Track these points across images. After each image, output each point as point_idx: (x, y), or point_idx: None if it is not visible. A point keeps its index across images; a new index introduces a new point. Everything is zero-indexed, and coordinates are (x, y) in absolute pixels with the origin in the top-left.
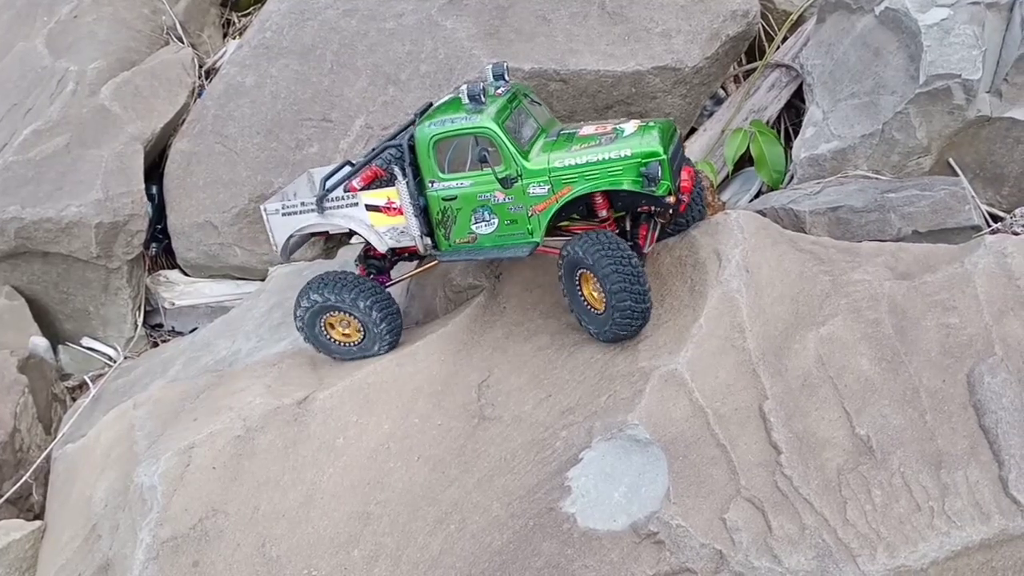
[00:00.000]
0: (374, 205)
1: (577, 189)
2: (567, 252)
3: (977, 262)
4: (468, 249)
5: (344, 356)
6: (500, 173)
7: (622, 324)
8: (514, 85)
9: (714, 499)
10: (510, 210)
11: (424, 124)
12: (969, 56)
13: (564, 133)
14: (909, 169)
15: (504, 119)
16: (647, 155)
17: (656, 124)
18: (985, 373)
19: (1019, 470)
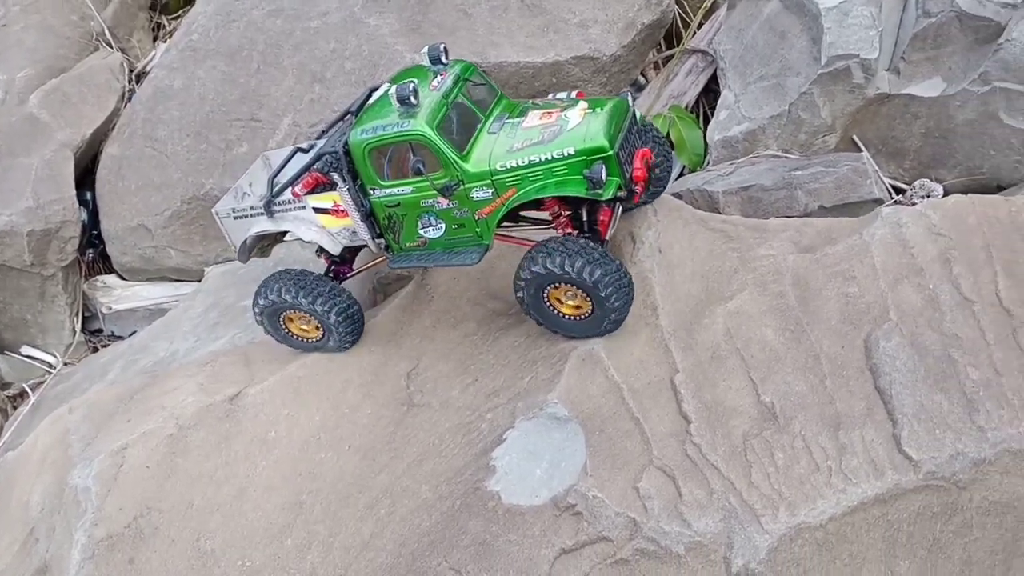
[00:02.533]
0: (322, 208)
1: (521, 193)
2: (531, 273)
3: (874, 233)
4: (419, 254)
5: (307, 350)
6: (439, 181)
7: (618, 322)
8: (455, 67)
9: (628, 470)
10: (456, 215)
11: (356, 132)
12: (866, 36)
13: (508, 122)
14: (816, 147)
15: (440, 119)
16: (592, 152)
17: (604, 107)
18: (880, 338)
19: (911, 428)
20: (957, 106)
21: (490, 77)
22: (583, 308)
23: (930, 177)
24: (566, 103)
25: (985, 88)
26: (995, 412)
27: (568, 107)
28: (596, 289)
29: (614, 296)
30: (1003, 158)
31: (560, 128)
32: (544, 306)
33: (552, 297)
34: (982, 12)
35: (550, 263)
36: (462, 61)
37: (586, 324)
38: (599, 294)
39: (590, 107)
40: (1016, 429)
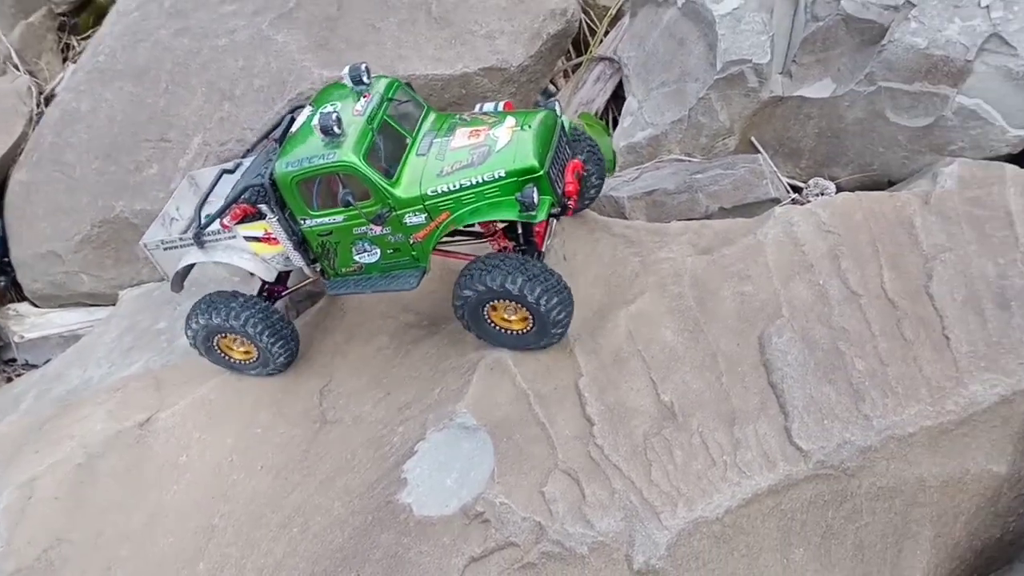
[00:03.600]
0: (253, 236)
1: (455, 217)
2: (471, 290)
3: (768, 233)
4: (356, 279)
5: (243, 371)
6: (370, 211)
7: (559, 335)
8: (378, 86)
9: (535, 474)
10: (390, 240)
11: (281, 163)
12: (759, 42)
13: (436, 142)
14: (717, 150)
15: (367, 146)
16: (523, 173)
17: (532, 123)
18: (773, 334)
19: (801, 420)
20: (846, 106)
21: (416, 93)
22: (524, 323)
23: (825, 175)
24: (493, 118)
25: (871, 88)
26: (880, 401)
27: (496, 124)
28: (537, 304)
29: (555, 310)
30: (892, 155)
31: (489, 149)
32: (484, 322)
33: (492, 313)
34: (866, 15)
35: (489, 280)
36: (385, 78)
37: (527, 338)
38: (540, 309)
39: (518, 123)
40: (900, 416)
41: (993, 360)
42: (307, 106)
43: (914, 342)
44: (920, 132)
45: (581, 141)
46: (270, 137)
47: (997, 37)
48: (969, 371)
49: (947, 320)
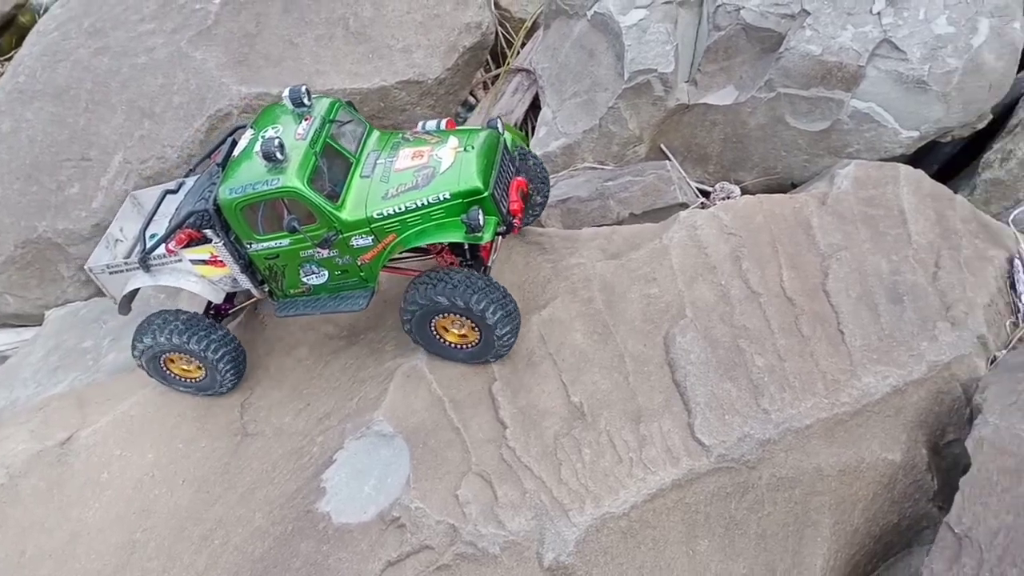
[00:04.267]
0: (200, 259)
1: (401, 239)
2: (417, 305)
3: (673, 236)
4: (305, 300)
5: (192, 391)
6: (316, 235)
7: (506, 348)
8: (320, 108)
9: (449, 478)
10: (337, 262)
11: (224, 189)
12: (663, 51)
13: (380, 163)
14: (628, 158)
15: (310, 171)
16: (467, 194)
17: (476, 143)
18: (677, 334)
19: (703, 416)
20: (749, 112)
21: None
22: (471, 336)
23: (731, 179)
24: (436, 138)
25: (771, 94)
26: (778, 395)
27: (439, 144)
28: (483, 318)
29: (502, 324)
30: (793, 158)
31: (433, 170)
32: (431, 335)
33: (439, 327)
34: (765, 24)
35: (435, 294)
36: (326, 99)
37: (475, 351)
38: (487, 323)
39: (461, 143)
40: (796, 409)
41: (885, 353)
42: (248, 128)
43: (811, 338)
44: (818, 136)
45: (525, 158)
46: (212, 157)
47: (888, 43)
48: (862, 364)
49: (842, 316)
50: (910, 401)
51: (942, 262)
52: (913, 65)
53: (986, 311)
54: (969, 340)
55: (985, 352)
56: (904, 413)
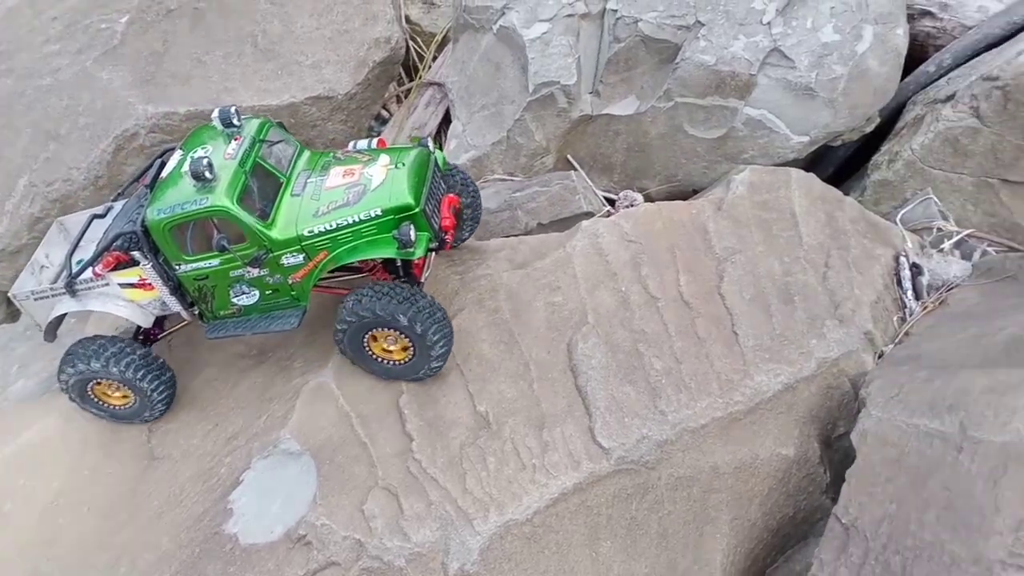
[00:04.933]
0: (128, 283)
1: (333, 256)
2: (356, 317)
3: (576, 245)
4: (235, 321)
5: (121, 418)
6: (246, 254)
7: (440, 363)
8: (250, 128)
9: (355, 494)
10: (268, 281)
11: (152, 210)
12: (565, 64)
13: (311, 182)
14: (536, 168)
15: (240, 190)
16: (398, 211)
17: (406, 161)
18: (579, 340)
19: (603, 420)
20: (650, 121)
21: (289, 132)
22: (404, 352)
23: (636, 187)
24: (367, 157)
25: (670, 104)
26: (675, 396)
27: (370, 162)
28: (417, 332)
29: (436, 339)
30: (693, 165)
31: (364, 188)
32: (363, 351)
33: (372, 343)
34: (662, 35)
35: (368, 309)
36: (256, 119)
37: (408, 367)
38: (420, 337)
39: (392, 161)
40: (692, 410)
41: (777, 351)
42: (177, 149)
43: (706, 340)
44: (715, 143)
45: (455, 176)
46: (141, 181)
47: (777, 52)
48: (755, 363)
49: (736, 317)
50: (801, 397)
51: (831, 262)
52: (801, 73)
53: (873, 308)
54: (856, 336)
55: (872, 347)
56: (796, 409)
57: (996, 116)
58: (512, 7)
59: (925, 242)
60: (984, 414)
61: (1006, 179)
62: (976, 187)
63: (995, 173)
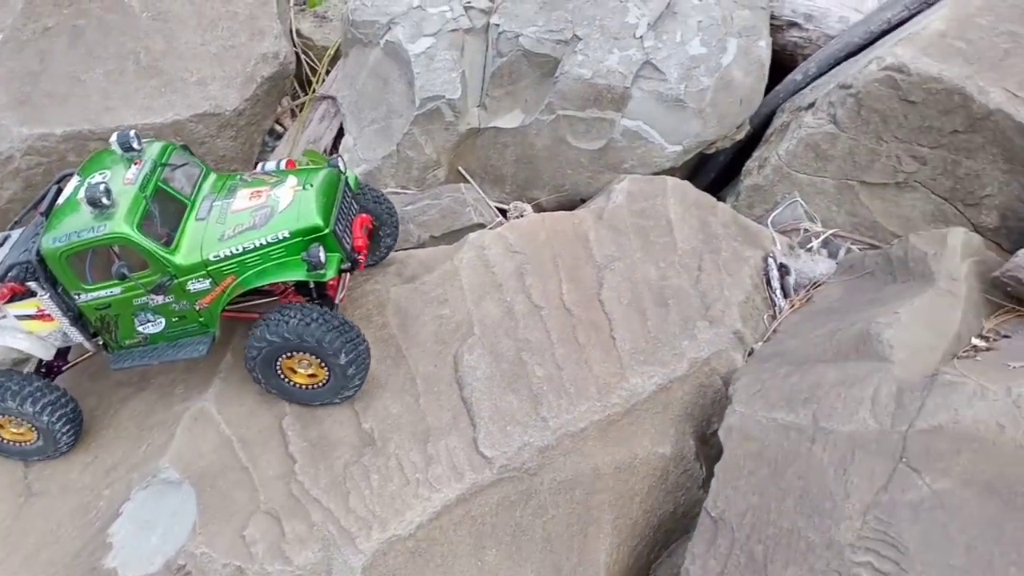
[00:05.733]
0: (25, 315)
1: (241, 280)
2: (266, 342)
3: (463, 258)
4: (141, 351)
5: (23, 456)
6: (148, 281)
7: (357, 386)
8: (151, 152)
9: (236, 519)
10: (174, 308)
11: (48, 239)
12: (450, 79)
13: (216, 204)
14: (429, 181)
15: (140, 215)
16: (307, 232)
17: (315, 182)
18: (465, 352)
19: (487, 430)
20: (535, 134)
21: (194, 155)
22: (318, 376)
23: (526, 198)
24: (275, 178)
25: (552, 116)
26: (556, 402)
27: (277, 184)
28: (332, 355)
29: (349, 358)
30: (578, 175)
31: (271, 210)
32: (277, 376)
33: (286, 367)
34: (542, 49)
35: (276, 333)
36: (158, 142)
37: (323, 392)
38: (336, 360)
39: (300, 182)
40: (572, 414)
41: (651, 354)
42: (74, 175)
43: (586, 345)
44: (597, 153)
45: (367, 194)
46: (37, 208)
47: (649, 64)
48: (631, 366)
49: (614, 322)
50: (675, 397)
51: (704, 265)
52: (671, 85)
53: (741, 308)
54: (726, 336)
55: (742, 345)
56: (671, 408)
57: (851, 122)
58: (398, 22)
59: (794, 243)
60: (834, 406)
61: (864, 181)
62: (838, 189)
63: (854, 176)
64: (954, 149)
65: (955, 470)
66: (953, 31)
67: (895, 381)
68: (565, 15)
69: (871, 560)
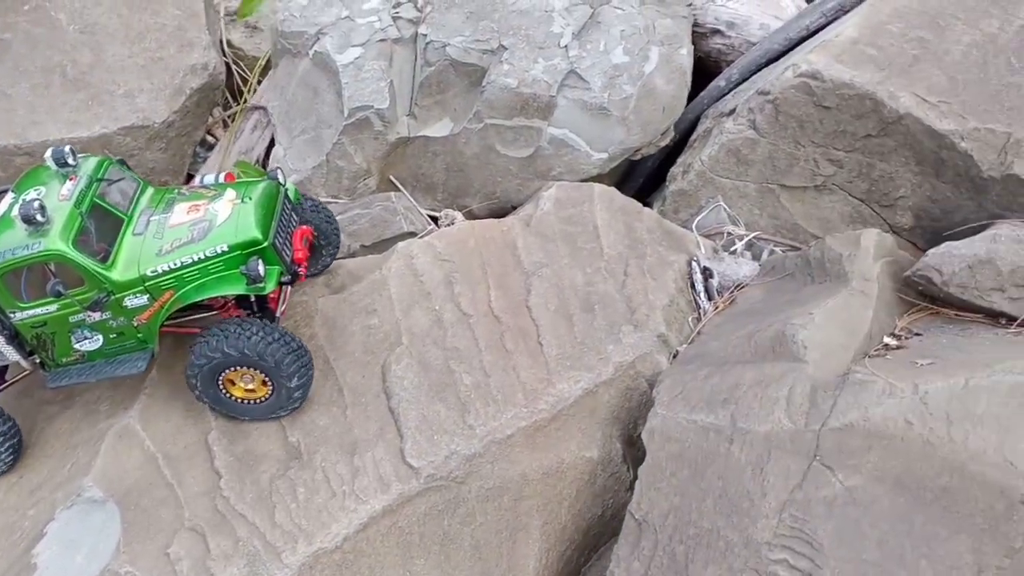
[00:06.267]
0: None
1: (179, 295)
2: (206, 358)
3: (391, 267)
4: (79, 368)
5: None
6: (85, 298)
7: (301, 399)
8: (87, 167)
9: (161, 537)
10: (112, 324)
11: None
12: (378, 88)
13: (154, 219)
14: (360, 191)
15: (76, 231)
16: (246, 246)
17: (254, 195)
18: (393, 362)
19: (414, 440)
20: (464, 142)
21: (131, 169)
22: (262, 390)
23: (458, 205)
24: (213, 192)
25: (480, 125)
26: (483, 410)
27: (215, 198)
28: (277, 368)
29: (292, 370)
30: (508, 183)
31: (210, 224)
32: (220, 393)
33: (228, 382)
34: (469, 59)
35: (217, 349)
36: (94, 157)
37: (267, 406)
38: (280, 373)
39: (239, 195)
40: (499, 421)
41: (577, 359)
42: (9, 192)
43: (514, 352)
44: (525, 161)
45: (308, 206)
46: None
47: (574, 73)
48: (557, 371)
49: (542, 328)
50: (602, 401)
51: (629, 270)
52: (595, 93)
53: (666, 311)
54: (650, 339)
55: (667, 348)
56: (597, 412)
57: (770, 127)
58: (326, 32)
59: (718, 246)
60: (751, 406)
61: (784, 184)
62: (759, 193)
63: (774, 180)
64: (868, 152)
65: (866, 467)
66: (865, 38)
67: (809, 381)
68: (491, 25)
69: (787, 557)
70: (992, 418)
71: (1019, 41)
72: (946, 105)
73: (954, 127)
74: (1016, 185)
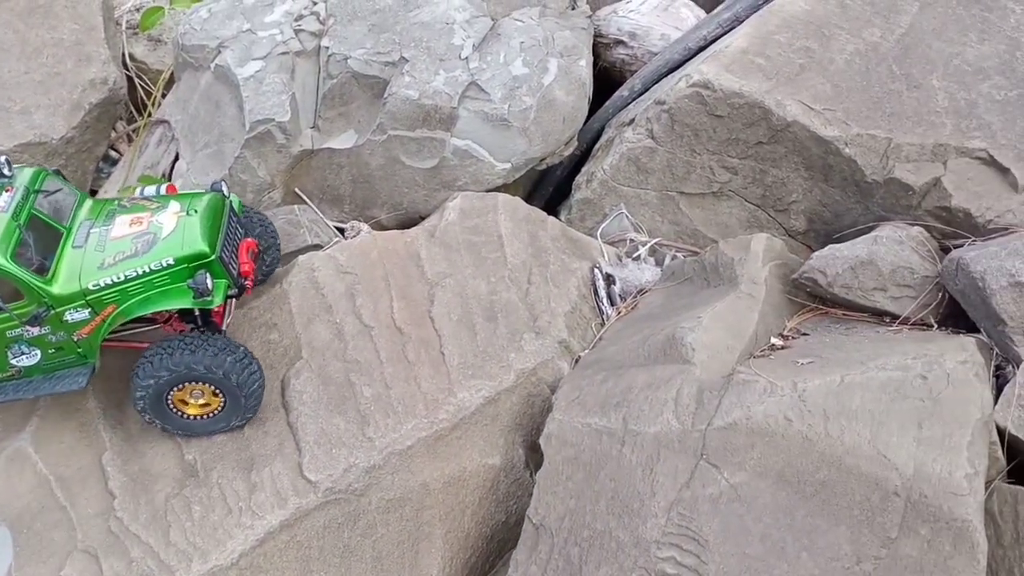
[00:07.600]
0: None
1: (123, 309)
2: (153, 379)
3: (292, 281)
4: (15, 384)
5: None
6: (23, 312)
7: (253, 410)
8: (22, 178)
9: (53, 560)
10: (51, 339)
11: None
12: (280, 101)
13: (94, 231)
14: (265, 204)
15: (14, 244)
16: (193, 259)
17: (199, 207)
18: (292, 376)
19: (312, 454)
20: (368, 154)
21: (68, 181)
22: (212, 405)
23: (366, 217)
24: (156, 204)
25: (384, 136)
26: (383, 422)
27: (159, 210)
28: (228, 381)
29: (248, 384)
30: (415, 194)
31: (154, 236)
32: (170, 412)
33: (177, 400)
34: (370, 71)
35: (172, 364)
36: (30, 168)
37: (218, 420)
38: (232, 386)
39: (183, 207)
40: (399, 432)
41: (479, 367)
42: None
43: (415, 363)
44: (431, 172)
45: (252, 218)
46: None
47: (475, 85)
48: (459, 381)
49: (444, 338)
50: (504, 408)
51: (533, 279)
52: (496, 104)
53: (568, 318)
54: (551, 346)
55: (569, 354)
56: (499, 420)
57: (667, 136)
58: (227, 46)
59: (621, 253)
60: (642, 408)
61: (683, 191)
62: (660, 200)
63: (673, 187)
64: (760, 159)
65: (749, 463)
66: (754, 48)
67: (696, 382)
68: (393, 37)
69: (674, 555)
70: (866, 413)
71: (900, 49)
72: (831, 112)
73: (838, 133)
74: (898, 188)
